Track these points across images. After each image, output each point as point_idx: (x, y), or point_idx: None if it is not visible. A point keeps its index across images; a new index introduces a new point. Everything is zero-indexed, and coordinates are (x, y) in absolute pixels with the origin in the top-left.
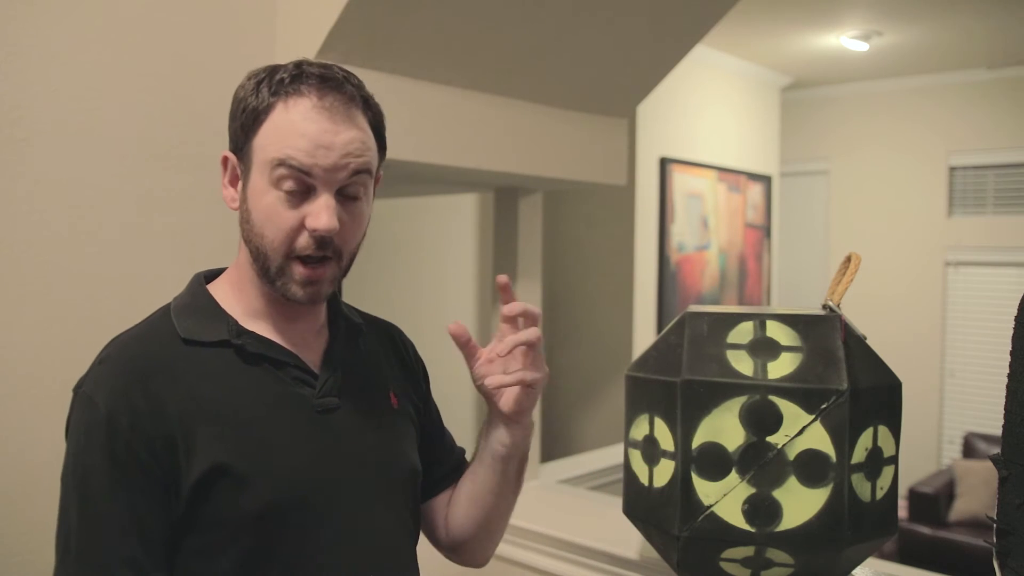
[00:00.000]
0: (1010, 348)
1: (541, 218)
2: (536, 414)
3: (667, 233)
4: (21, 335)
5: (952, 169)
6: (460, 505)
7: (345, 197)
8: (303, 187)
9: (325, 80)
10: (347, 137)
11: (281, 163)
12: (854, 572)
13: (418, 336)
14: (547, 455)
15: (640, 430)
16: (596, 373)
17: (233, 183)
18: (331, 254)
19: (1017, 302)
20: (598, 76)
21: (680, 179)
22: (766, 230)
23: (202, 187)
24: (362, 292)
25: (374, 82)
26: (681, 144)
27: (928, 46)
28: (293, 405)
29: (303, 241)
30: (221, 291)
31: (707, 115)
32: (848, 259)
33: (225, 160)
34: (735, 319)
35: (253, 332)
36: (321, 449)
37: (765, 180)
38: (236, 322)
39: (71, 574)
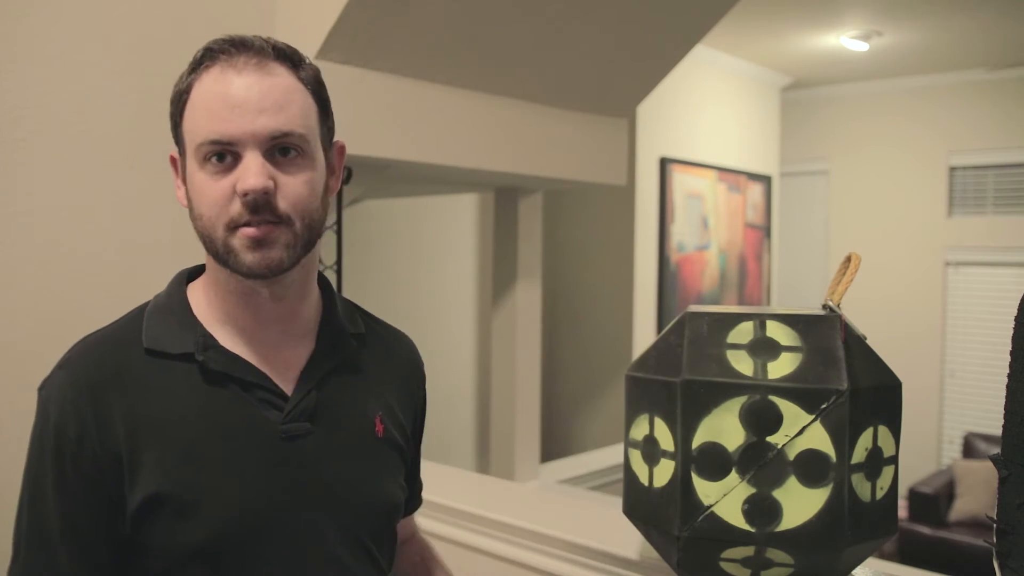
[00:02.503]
0: (1010, 348)
1: (541, 218)
2: (536, 413)
3: (667, 233)
4: (21, 335)
5: (952, 169)
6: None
7: (281, 155)
8: (229, 156)
9: (232, 43)
10: (261, 89)
11: (203, 142)
12: (854, 572)
13: (418, 336)
14: (547, 455)
15: (640, 430)
16: (596, 373)
17: (184, 182)
18: (274, 218)
19: (1017, 302)
20: (598, 76)
21: (680, 179)
22: (766, 230)
23: None
24: (362, 292)
25: (374, 82)
26: (681, 144)
27: (928, 46)
28: (254, 430)
29: (236, 208)
30: (196, 293)
31: (707, 115)
32: (848, 259)
33: (173, 160)
34: (735, 319)
35: (221, 346)
36: (280, 480)
37: (765, 180)
38: (205, 333)
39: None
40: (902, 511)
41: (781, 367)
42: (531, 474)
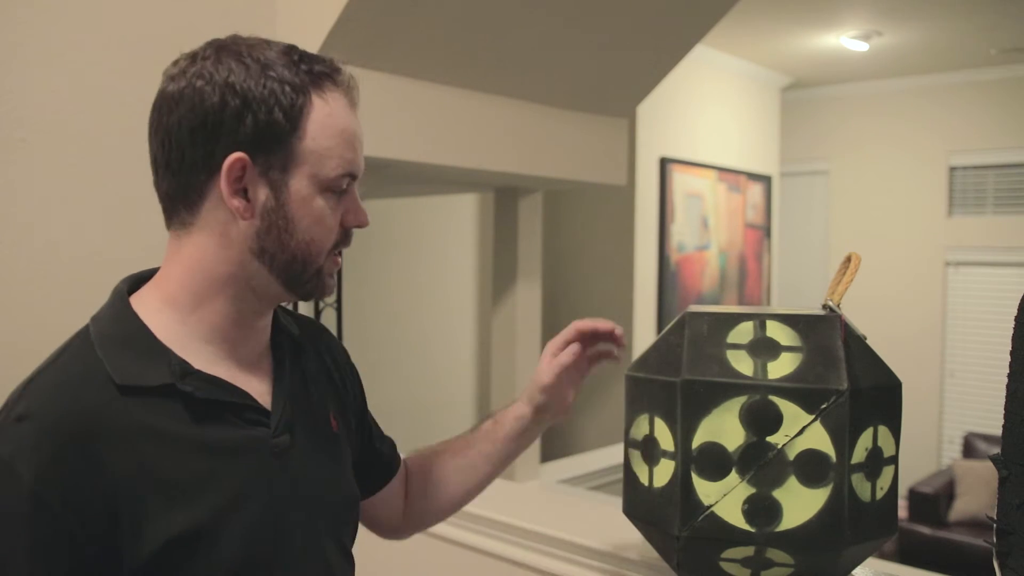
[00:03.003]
0: (1010, 348)
1: (541, 218)
2: None
3: (667, 233)
4: (20, 335)
5: (952, 169)
6: (445, 492)
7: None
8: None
9: (339, 69)
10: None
11: (346, 174)
12: (854, 572)
13: (419, 335)
14: (547, 455)
15: (640, 430)
16: (596, 373)
17: (239, 190)
18: None
19: (1017, 302)
20: (598, 76)
21: (680, 179)
22: (766, 230)
23: None
24: (362, 292)
25: (374, 82)
26: (681, 144)
27: (928, 46)
28: (248, 452)
29: (340, 236)
30: (153, 312)
31: (707, 115)
32: (848, 259)
33: (235, 164)
34: (735, 319)
35: (199, 371)
36: (278, 496)
37: (765, 180)
38: (179, 359)
39: None
40: (902, 511)
41: (781, 367)
42: (531, 474)
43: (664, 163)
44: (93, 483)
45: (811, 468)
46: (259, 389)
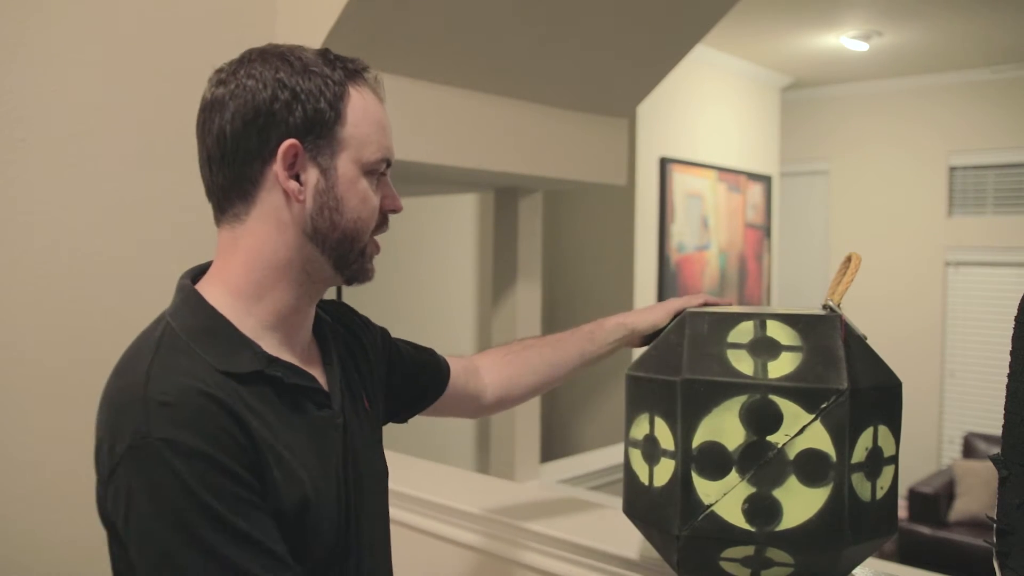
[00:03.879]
0: (1010, 348)
1: (541, 218)
2: (536, 413)
3: (667, 233)
4: (20, 335)
5: (952, 169)
6: (532, 374)
7: None
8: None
9: (367, 68)
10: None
11: (384, 159)
12: (854, 572)
13: (418, 336)
14: (547, 455)
15: (640, 429)
16: (596, 373)
17: (293, 175)
18: None
19: (1017, 302)
20: (598, 76)
21: (680, 179)
22: (766, 230)
23: (202, 187)
24: (362, 291)
25: None
26: (681, 144)
27: (928, 46)
28: (324, 430)
29: (380, 220)
30: (225, 304)
31: (707, 115)
32: (848, 259)
33: (289, 149)
34: (735, 319)
35: (278, 359)
36: (348, 470)
37: (765, 180)
38: (260, 347)
39: None
40: (902, 511)
41: (781, 367)
42: (531, 474)
43: (664, 163)
44: (244, 445)
45: (811, 468)
46: (316, 373)
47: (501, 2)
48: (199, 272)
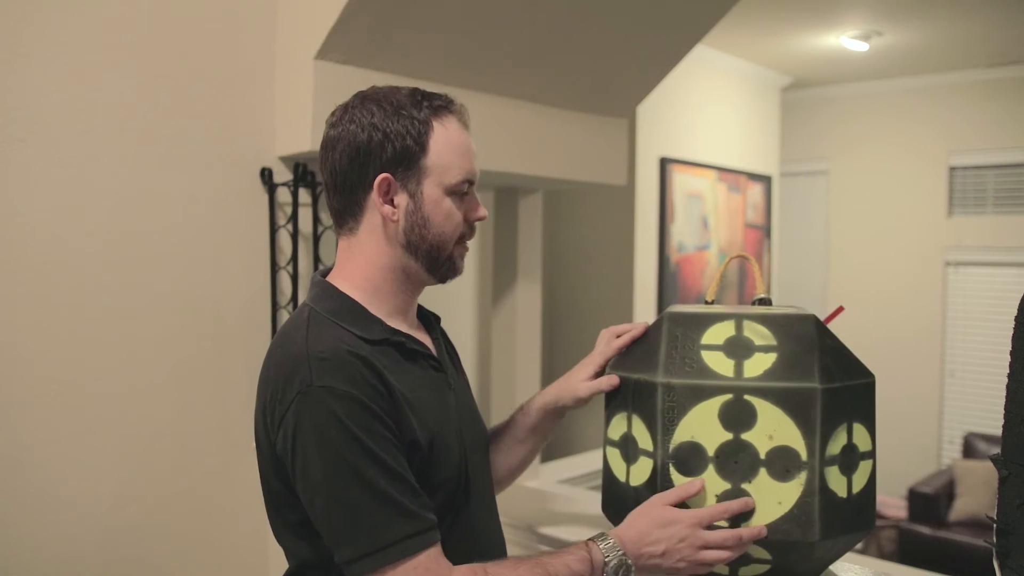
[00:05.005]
0: (1010, 348)
1: (541, 218)
2: None
3: (667, 233)
4: (20, 335)
5: (952, 169)
6: (495, 463)
7: None
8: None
9: (452, 101)
10: (473, 146)
11: (465, 180)
12: (854, 571)
13: None
14: (547, 455)
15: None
16: None
17: (388, 201)
18: None
19: (1017, 302)
20: (598, 76)
21: (680, 179)
22: (766, 230)
23: (202, 186)
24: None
25: (374, 82)
26: (681, 144)
27: (928, 46)
28: (441, 387)
29: (465, 229)
30: (352, 295)
31: (707, 115)
32: (744, 257)
33: (383, 182)
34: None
35: (399, 330)
36: (463, 423)
37: (765, 180)
38: (384, 322)
39: (394, 534)
40: (902, 511)
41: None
42: (531, 474)
43: (664, 163)
44: (384, 394)
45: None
46: (427, 344)
47: (501, 2)
48: (324, 273)
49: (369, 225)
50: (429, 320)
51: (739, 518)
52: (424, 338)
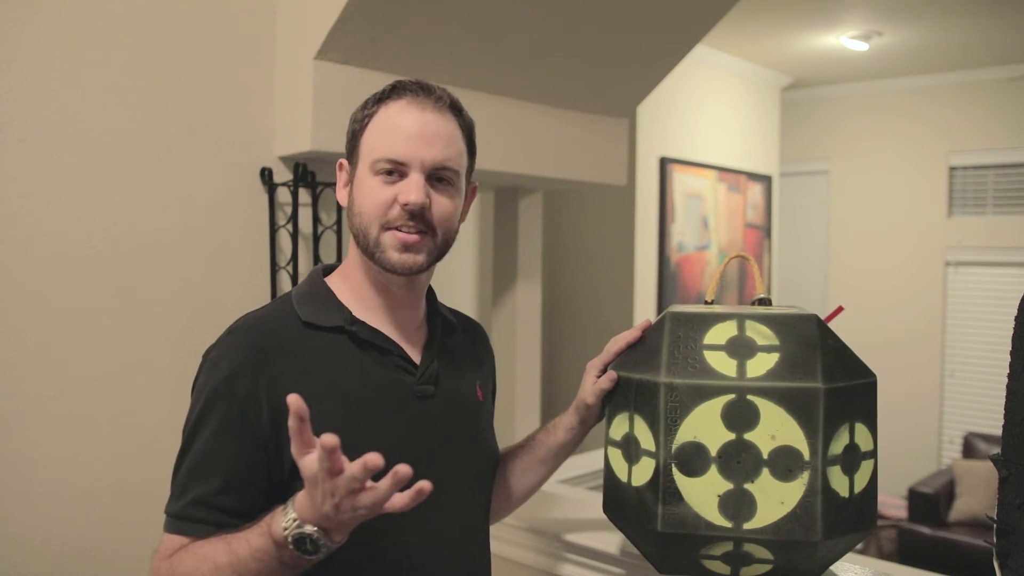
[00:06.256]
0: (1010, 348)
1: (541, 218)
2: (536, 414)
3: (667, 233)
4: (20, 335)
5: (952, 169)
6: (508, 491)
7: (437, 181)
8: (398, 171)
9: (419, 84)
10: (435, 127)
11: (380, 159)
12: (854, 571)
13: None
14: None
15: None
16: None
17: (345, 185)
18: (424, 228)
19: (1017, 302)
20: (598, 76)
21: (680, 179)
22: (766, 230)
23: (202, 187)
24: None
25: (374, 82)
26: (681, 144)
27: (928, 46)
28: (395, 389)
29: (395, 213)
30: (335, 284)
31: (707, 115)
32: (743, 257)
33: (340, 166)
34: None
35: (364, 322)
36: (418, 431)
37: (765, 180)
38: (350, 312)
39: (170, 508)
40: (902, 511)
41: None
42: None
43: (664, 163)
44: (270, 380)
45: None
46: (412, 350)
47: (501, 2)
48: (334, 267)
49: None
50: (448, 326)
51: (740, 516)
52: (413, 341)
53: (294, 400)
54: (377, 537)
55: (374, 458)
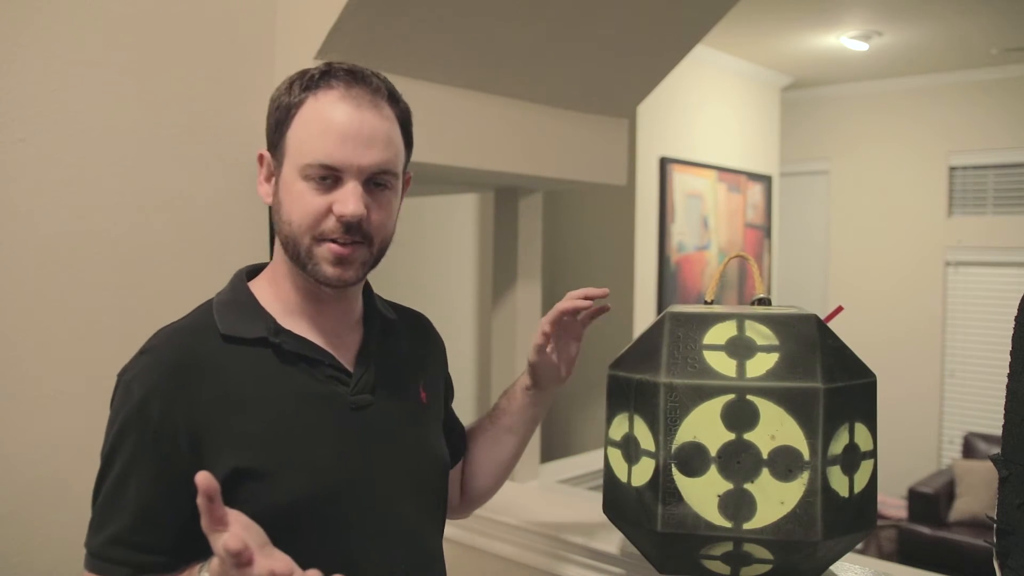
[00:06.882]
0: (1010, 348)
1: (541, 218)
2: None
3: (667, 233)
4: (20, 336)
5: (952, 169)
6: (482, 468)
7: (375, 186)
8: (332, 177)
9: (352, 73)
10: (373, 127)
11: (312, 163)
12: (854, 571)
13: None
14: (547, 455)
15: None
16: (596, 373)
17: (268, 180)
18: (360, 238)
19: (1017, 302)
20: (598, 76)
21: (680, 179)
22: (766, 230)
23: (202, 187)
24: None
25: None
26: (681, 144)
27: (928, 46)
28: (327, 402)
29: (330, 224)
30: (260, 288)
31: (707, 115)
32: (743, 257)
33: (261, 158)
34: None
35: (290, 331)
36: (354, 445)
37: (765, 180)
38: (274, 320)
39: (88, 543)
40: (902, 511)
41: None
42: (531, 474)
43: (664, 163)
44: (187, 405)
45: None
46: (346, 356)
47: (501, 2)
48: (263, 266)
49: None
50: (387, 325)
51: (740, 516)
52: (346, 347)
53: (203, 479)
54: (321, 554)
55: (281, 567)
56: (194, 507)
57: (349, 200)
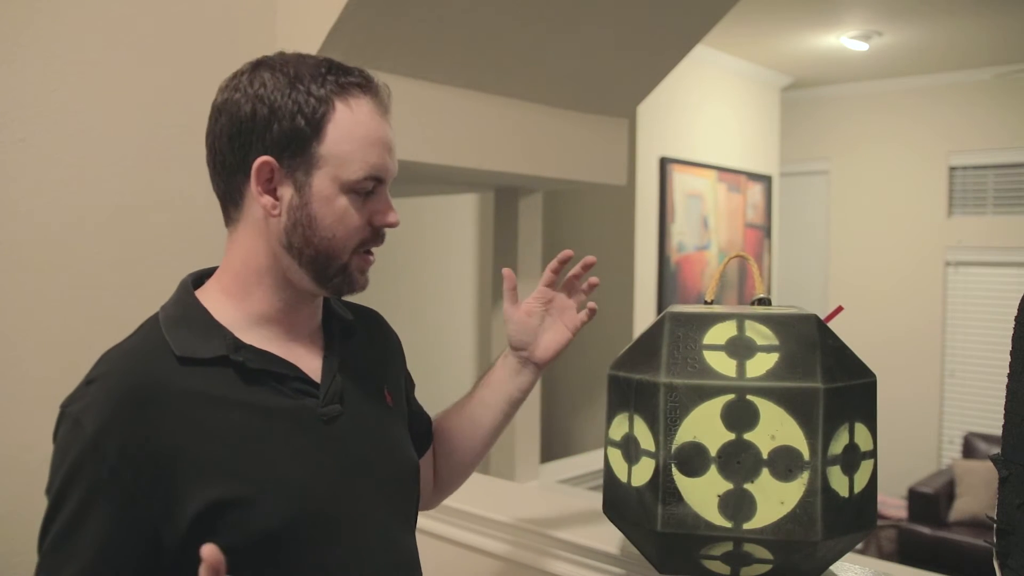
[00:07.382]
0: (1010, 348)
1: (541, 218)
2: (536, 413)
3: (667, 233)
4: (20, 336)
5: (952, 169)
6: (456, 453)
7: None
8: (375, 188)
9: (372, 80)
10: (391, 134)
11: (370, 177)
12: (854, 571)
13: (418, 335)
14: (547, 455)
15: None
16: (596, 373)
17: (270, 190)
18: None
19: (1017, 302)
20: (598, 76)
21: (680, 179)
22: (766, 230)
23: (202, 187)
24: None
25: None
26: (681, 144)
27: (928, 46)
28: (297, 418)
29: (368, 235)
30: (212, 299)
31: (707, 115)
32: (743, 257)
33: (263, 166)
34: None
35: (251, 346)
36: (329, 460)
37: (765, 180)
38: (232, 335)
39: None
40: (902, 511)
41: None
42: (531, 474)
43: (664, 163)
44: (147, 438)
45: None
46: (311, 366)
47: (501, 2)
48: (208, 272)
49: (248, 218)
50: (346, 328)
51: (740, 516)
52: (312, 356)
53: (209, 553)
54: (303, 571)
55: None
56: (160, 556)
57: (391, 211)
